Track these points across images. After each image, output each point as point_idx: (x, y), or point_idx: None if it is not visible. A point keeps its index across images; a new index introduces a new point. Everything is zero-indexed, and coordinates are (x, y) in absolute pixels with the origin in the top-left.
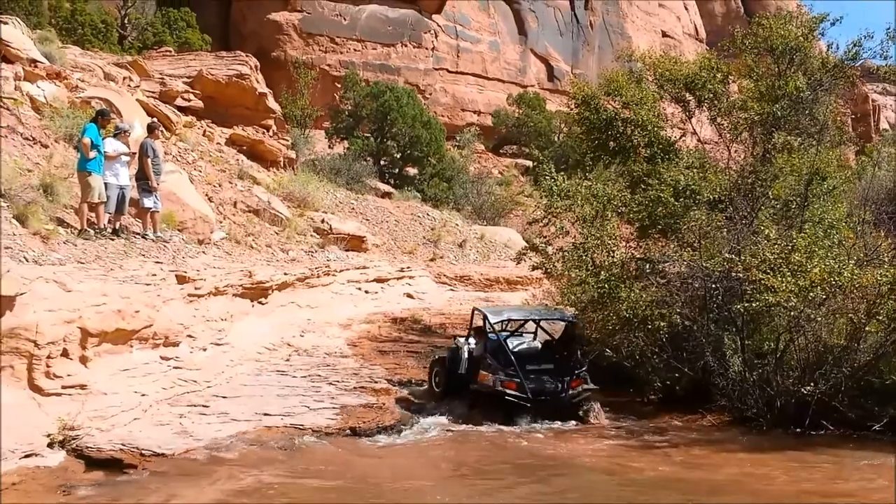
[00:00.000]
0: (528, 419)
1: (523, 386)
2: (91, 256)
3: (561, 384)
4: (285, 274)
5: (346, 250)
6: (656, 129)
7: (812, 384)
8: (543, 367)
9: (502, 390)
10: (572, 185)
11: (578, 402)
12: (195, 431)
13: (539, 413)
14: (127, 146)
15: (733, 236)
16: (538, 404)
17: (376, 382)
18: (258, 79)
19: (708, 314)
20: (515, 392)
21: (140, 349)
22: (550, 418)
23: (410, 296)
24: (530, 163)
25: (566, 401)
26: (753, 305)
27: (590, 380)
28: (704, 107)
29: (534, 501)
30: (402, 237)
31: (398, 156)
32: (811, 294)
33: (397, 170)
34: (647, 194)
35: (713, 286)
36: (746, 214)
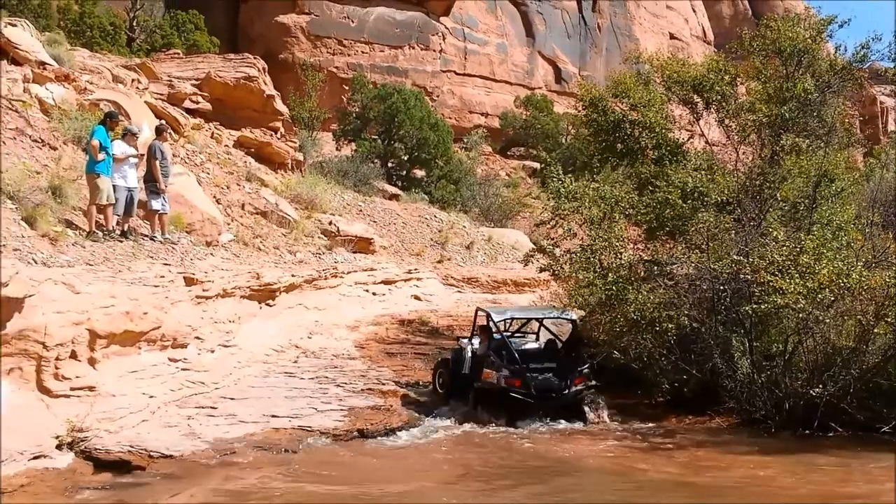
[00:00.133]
0: (533, 419)
1: (527, 383)
2: (99, 258)
3: (564, 382)
4: (293, 276)
5: (354, 252)
6: (664, 131)
7: (820, 386)
8: (547, 366)
9: (506, 387)
10: (580, 187)
11: (581, 399)
12: (203, 433)
13: (543, 411)
14: (135, 148)
15: (741, 238)
16: (542, 402)
17: (384, 384)
18: (266, 81)
19: (716, 316)
20: (520, 389)
21: (148, 351)
22: (554, 417)
23: (418, 298)
24: (538, 165)
25: (569, 398)
26: (762, 307)
27: (593, 377)
28: (712, 109)
29: (538, 502)
30: (410, 239)
31: (406, 158)
32: (819, 296)
33: (405, 172)
34: (655, 196)
35: (721, 288)
36: (754, 216)
